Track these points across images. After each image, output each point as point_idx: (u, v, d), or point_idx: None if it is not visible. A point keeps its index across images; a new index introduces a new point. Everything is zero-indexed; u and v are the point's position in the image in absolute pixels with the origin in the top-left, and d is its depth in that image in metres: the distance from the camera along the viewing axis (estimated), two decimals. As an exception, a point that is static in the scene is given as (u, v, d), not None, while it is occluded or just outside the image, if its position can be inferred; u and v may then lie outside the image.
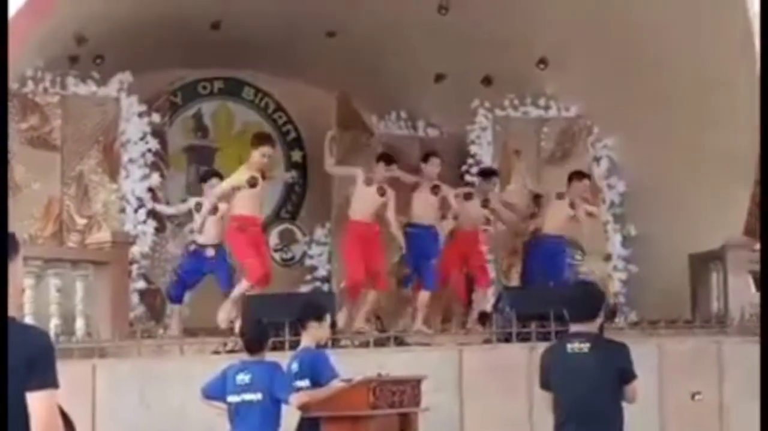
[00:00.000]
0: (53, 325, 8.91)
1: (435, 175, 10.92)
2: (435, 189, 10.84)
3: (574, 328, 5.84)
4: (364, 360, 8.32)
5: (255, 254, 9.65)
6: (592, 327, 5.80)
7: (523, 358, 8.77)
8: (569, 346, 5.78)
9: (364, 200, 10.50)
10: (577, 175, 11.37)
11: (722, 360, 9.08)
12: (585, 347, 5.72)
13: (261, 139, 10.23)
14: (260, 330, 7.05)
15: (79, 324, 9.17)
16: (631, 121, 12.04)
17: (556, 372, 5.80)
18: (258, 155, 9.81)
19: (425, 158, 11.07)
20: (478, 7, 11.60)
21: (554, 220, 11.19)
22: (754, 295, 11.38)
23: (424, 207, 10.82)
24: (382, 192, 10.48)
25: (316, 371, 6.84)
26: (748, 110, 11.36)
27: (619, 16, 11.36)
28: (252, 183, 9.71)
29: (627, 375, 5.77)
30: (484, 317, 10.81)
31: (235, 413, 6.81)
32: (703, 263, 11.53)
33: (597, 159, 12.56)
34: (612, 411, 5.73)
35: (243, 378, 6.82)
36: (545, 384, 5.86)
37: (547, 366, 5.89)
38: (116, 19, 10.71)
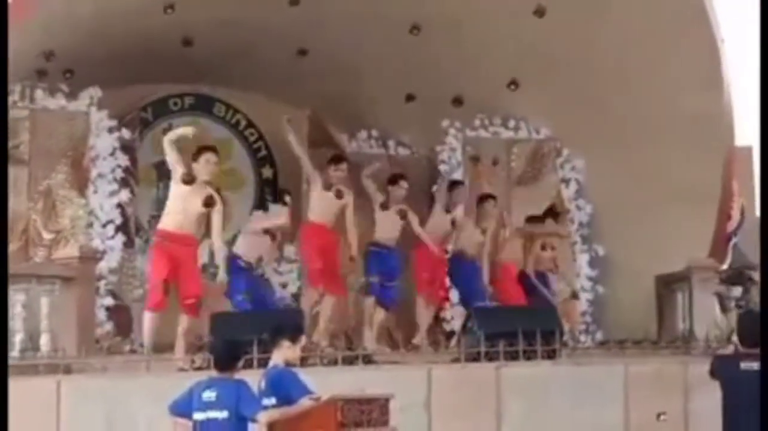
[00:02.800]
0: (18, 340, 8.83)
1: (402, 198, 10.93)
2: (402, 212, 10.83)
3: (745, 350, 7.08)
4: (332, 378, 8.30)
5: (159, 273, 9.00)
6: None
7: (491, 377, 8.78)
8: (742, 364, 7.01)
9: (321, 203, 10.48)
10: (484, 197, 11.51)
11: (688, 381, 9.12)
12: (755, 365, 6.89)
13: (202, 149, 9.36)
14: (230, 347, 7.02)
15: (44, 339, 9.08)
16: (599, 143, 12.15)
17: (729, 385, 7.06)
18: (202, 163, 9.10)
19: (393, 180, 11.05)
20: (449, 28, 11.68)
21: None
22: (719, 316, 11.49)
23: (388, 228, 10.82)
24: (340, 195, 10.46)
25: (284, 389, 6.81)
26: (714, 135, 11.51)
27: (590, 41, 11.47)
28: (187, 180, 9.03)
29: None
30: (449, 335, 10.86)
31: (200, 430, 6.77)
32: (669, 285, 11.63)
33: (565, 181, 12.67)
34: None
35: (209, 395, 6.78)
36: (713, 375, 7.30)
37: (718, 371, 7.24)
38: (86, 34, 10.69)
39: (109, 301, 10.89)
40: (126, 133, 11.47)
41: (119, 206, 11.18)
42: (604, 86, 11.72)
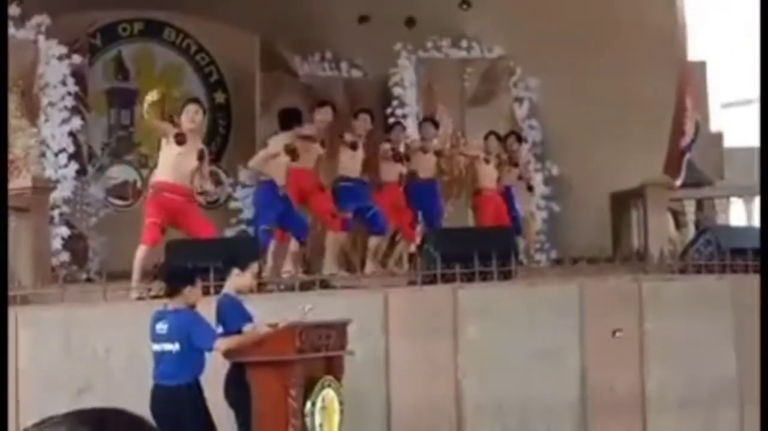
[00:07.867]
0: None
1: (364, 131, 10.71)
2: (353, 145, 10.61)
3: None
4: (290, 304, 8.33)
5: (156, 215, 9.06)
6: None
7: (448, 299, 8.84)
8: None
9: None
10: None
11: (642, 298, 9.23)
12: None
13: (186, 102, 9.54)
14: (177, 272, 7.01)
15: (0, 271, 9.00)
16: (552, 63, 12.13)
17: None
18: (190, 114, 9.16)
19: (356, 114, 10.83)
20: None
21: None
22: (673, 233, 11.64)
23: (352, 161, 10.66)
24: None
25: (226, 318, 6.85)
26: (667, 56, 11.52)
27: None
28: (180, 141, 9.03)
29: None
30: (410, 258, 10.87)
31: (157, 361, 6.80)
32: (623, 202, 11.73)
33: (519, 100, 12.66)
34: None
35: (161, 327, 6.78)
36: None
37: None
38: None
39: (64, 231, 10.82)
40: (76, 60, 11.29)
41: (71, 134, 11.06)
42: (557, 4, 11.68)
